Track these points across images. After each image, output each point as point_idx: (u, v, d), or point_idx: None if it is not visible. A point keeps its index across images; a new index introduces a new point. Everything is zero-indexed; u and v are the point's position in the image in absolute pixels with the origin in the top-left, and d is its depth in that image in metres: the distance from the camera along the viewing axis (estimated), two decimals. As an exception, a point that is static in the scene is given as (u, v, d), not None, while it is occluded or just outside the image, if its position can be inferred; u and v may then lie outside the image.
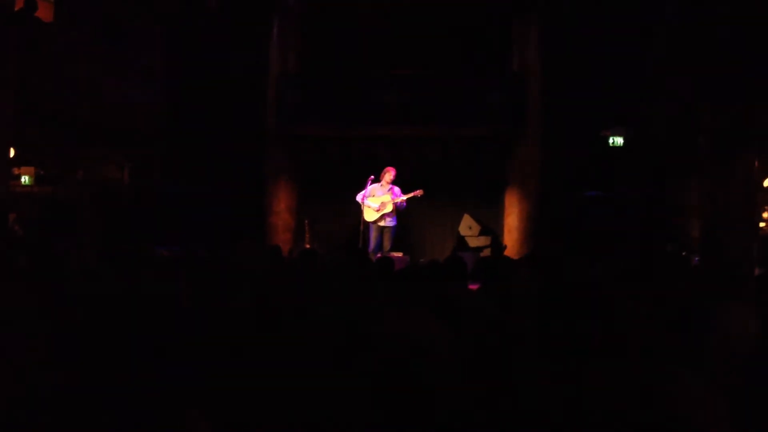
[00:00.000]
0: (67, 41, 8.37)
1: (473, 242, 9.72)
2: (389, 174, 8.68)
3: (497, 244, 9.68)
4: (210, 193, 10.02)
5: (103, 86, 8.81)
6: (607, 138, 9.67)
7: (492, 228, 9.96)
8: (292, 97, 9.64)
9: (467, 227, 9.85)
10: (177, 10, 10.07)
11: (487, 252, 9.54)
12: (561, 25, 9.41)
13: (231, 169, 10.08)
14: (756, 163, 7.69)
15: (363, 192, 8.71)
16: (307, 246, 9.27)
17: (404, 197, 8.63)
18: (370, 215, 8.68)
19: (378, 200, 8.65)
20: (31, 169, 9.80)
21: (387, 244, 8.66)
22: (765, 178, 8.21)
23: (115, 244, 5.64)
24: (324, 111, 9.53)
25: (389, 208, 8.63)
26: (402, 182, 8.77)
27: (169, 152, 10.38)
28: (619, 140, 9.64)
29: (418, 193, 8.62)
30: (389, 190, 8.67)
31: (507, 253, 9.12)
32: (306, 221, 9.66)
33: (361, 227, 8.71)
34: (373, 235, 8.69)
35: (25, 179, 9.76)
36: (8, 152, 7.80)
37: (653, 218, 9.15)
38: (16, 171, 9.42)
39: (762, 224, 8.24)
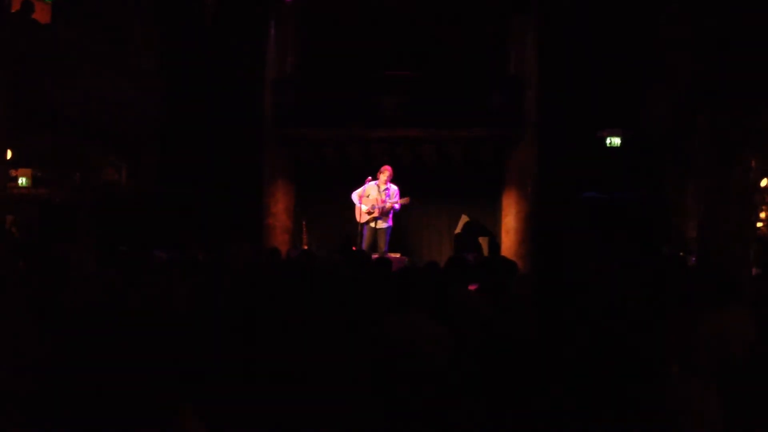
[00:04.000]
0: (65, 43, 8.35)
1: (471, 243, 9.72)
2: (385, 173, 8.55)
3: (495, 245, 9.68)
4: (207, 195, 10.02)
5: (100, 88, 8.79)
6: (604, 139, 9.68)
7: (490, 229, 9.96)
8: (289, 98, 9.64)
9: (465, 228, 9.85)
10: (174, 12, 10.06)
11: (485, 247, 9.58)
12: (558, 26, 9.42)
13: (228, 171, 10.07)
14: (753, 164, 7.70)
15: (358, 191, 8.65)
16: (305, 247, 9.26)
17: (396, 202, 8.51)
18: (362, 216, 8.63)
19: (371, 202, 8.55)
20: (29, 171, 9.76)
21: (382, 246, 8.57)
22: (762, 179, 8.22)
23: (113, 246, 5.63)
24: (321, 113, 9.52)
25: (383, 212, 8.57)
26: (399, 184, 8.72)
27: (167, 154, 10.37)
28: (616, 141, 9.65)
29: (405, 201, 8.51)
30: (386, 190, 8.57)
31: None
32: (303, 223, 9.65)
33: (359, 228, 8.66)
34: (366, 235, 8.60)
35: (22, 181, 9.70)
36: (5, 154, 7.79)
37: (650, 219, 9.15)
38: (13, 173, 9.37)
39: (759, 225, 8.24)
